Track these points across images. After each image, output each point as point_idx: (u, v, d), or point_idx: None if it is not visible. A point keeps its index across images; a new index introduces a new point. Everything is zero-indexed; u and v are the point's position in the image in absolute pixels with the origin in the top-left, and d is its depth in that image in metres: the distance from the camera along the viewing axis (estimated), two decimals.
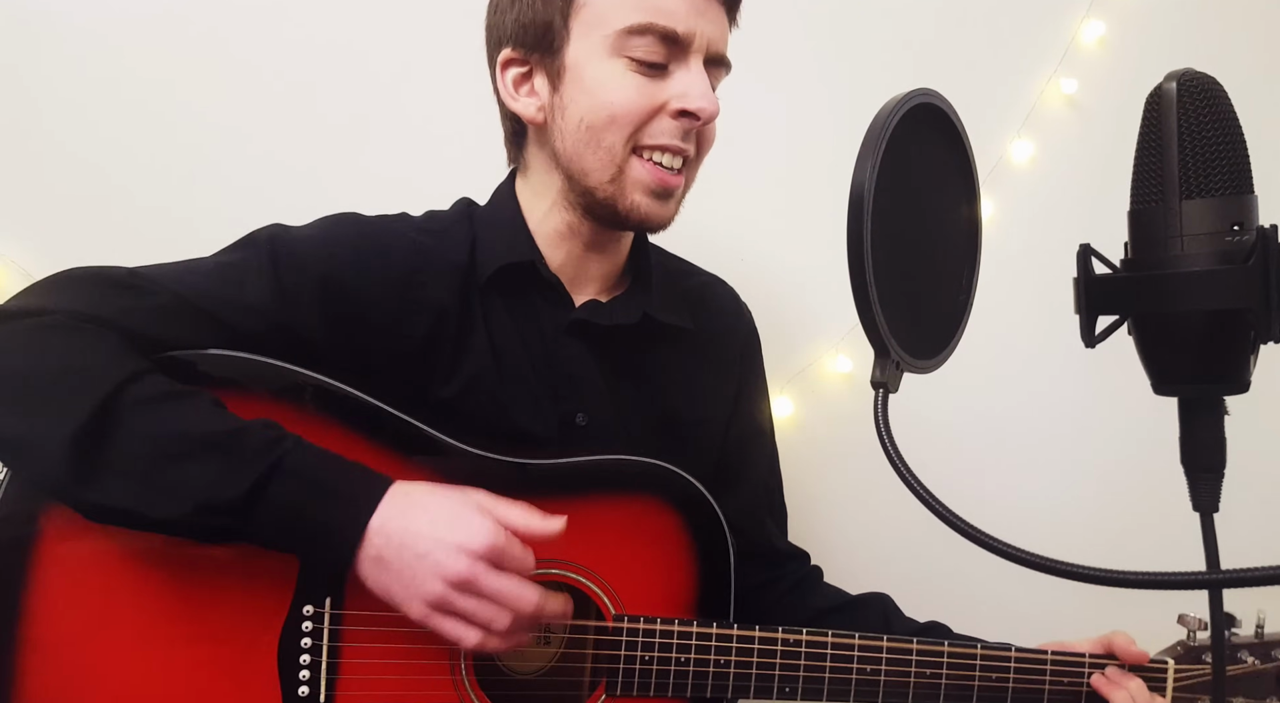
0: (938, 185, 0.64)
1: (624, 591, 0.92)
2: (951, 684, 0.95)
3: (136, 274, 0.85)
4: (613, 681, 0.90)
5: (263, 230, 0.93)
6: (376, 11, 1.35)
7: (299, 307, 0.89)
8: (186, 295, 0.85)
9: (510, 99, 0.96)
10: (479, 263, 0.96)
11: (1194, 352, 0.57)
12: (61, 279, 0.85)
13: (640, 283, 1.03)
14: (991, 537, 0.49)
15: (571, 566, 0.90)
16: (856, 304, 0.55)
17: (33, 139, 1.25)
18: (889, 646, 0.94)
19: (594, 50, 0.90)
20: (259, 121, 1.31)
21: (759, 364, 1.17)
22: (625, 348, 1.00)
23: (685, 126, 0.91)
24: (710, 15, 0.92)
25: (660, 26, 0.88)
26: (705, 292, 1.12)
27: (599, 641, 0.91)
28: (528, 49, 0.93)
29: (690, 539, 0.95)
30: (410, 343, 0.93)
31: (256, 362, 0.86)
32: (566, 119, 0.92)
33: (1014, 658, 0.97)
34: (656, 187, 0.92)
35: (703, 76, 0.91)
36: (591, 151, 0.91)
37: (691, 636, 0.90)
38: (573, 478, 0.92)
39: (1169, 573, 0.48)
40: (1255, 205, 0.55)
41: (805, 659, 0.92)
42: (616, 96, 0.89)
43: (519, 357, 0.96)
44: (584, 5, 0.90)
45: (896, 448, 0.53)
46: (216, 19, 1.30)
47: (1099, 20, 1.57)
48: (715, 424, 1.08)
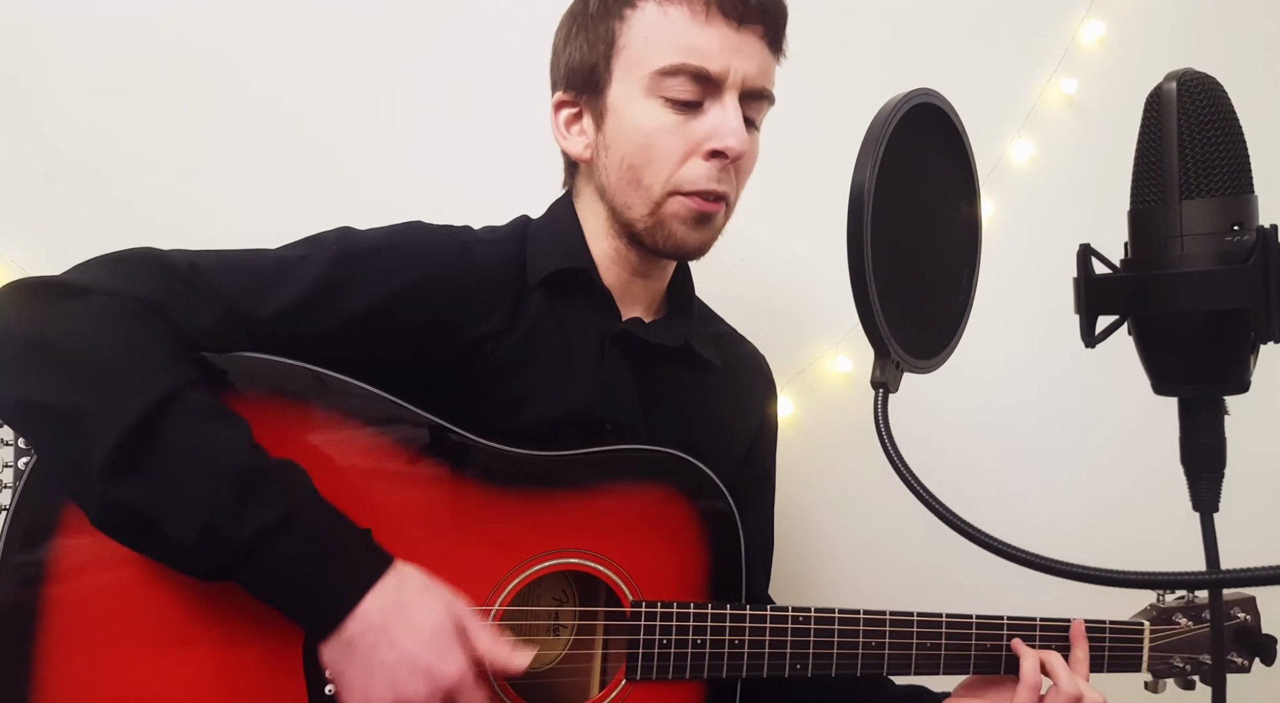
0: (938, 185, 0.64)
1: (640, 577, 0.93)
2: (950, 655, 1.00)
3: (197, 269, 0.85)
4: (632, 665, 0.91)
5: (331, 233, 0.94)
6: (375, 23, 1.35)
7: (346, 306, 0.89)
8: (233, 303, 0.85)
9: (561, 138, 1.01)
10: (531, 267, 0.98)
11: (1194, 352, 0.57)
12: (132, 259, 0.85)
13: (681, 311, 1.07)
14: (991, 537, 0.49)
15: (588, 554, 0.92)
16: (856, 304, 0.55)
17: (32, 140, 1.25)
18: (891, 619, 0.98)
19: (633, 91, 0.93)
20: (255, 125, 1.31)
21: (775, 416, 1.20)
22: (661, 370, 1.03)
23: (719, 165, 0.93)
24: (747, 51, 0.93)
25: (693, 67, 0.90)
26: (730, 340, 1.16)
27: (617, 627, 0.93)
28: (577, 91, 0.98)
29: (702, 525, 0.97)
30: (455, 350, 0.94)
31: (279, 362, 0.86)
32: (610, 157, 0.96)
33: (1006, 624, 1.02)
34: (694, 214, 0.94)
35: (736, 113, 0.92)
36: (633, 189, 0.95)
37: (707, 618, 0.93)
38: (588, 468, 0.94)
39: (1169, 573, 0.48)
40: (1255, 205, 0.55)
41: (814, 636, 0.96)
42: (653, 137, 0.93)
43: (558, 358, 0.97)
44: (624, 48, 0.93)
45: (896, 448, 0.53)
46: (216, 24, 1.30)
47: (1099, 20, 1.57)
48: (731, 462, 1.09)
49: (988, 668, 1.01)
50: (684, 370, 1.05)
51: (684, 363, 1.05)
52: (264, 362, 0.85)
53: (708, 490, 0.98)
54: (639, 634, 0.92)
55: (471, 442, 0.90)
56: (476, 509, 0.89)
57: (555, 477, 0.92)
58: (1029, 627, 1.01)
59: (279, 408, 0.85)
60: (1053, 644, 1.01)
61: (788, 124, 1.47)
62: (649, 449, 0.96)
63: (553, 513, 0.91)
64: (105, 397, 0.75)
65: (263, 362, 0.85)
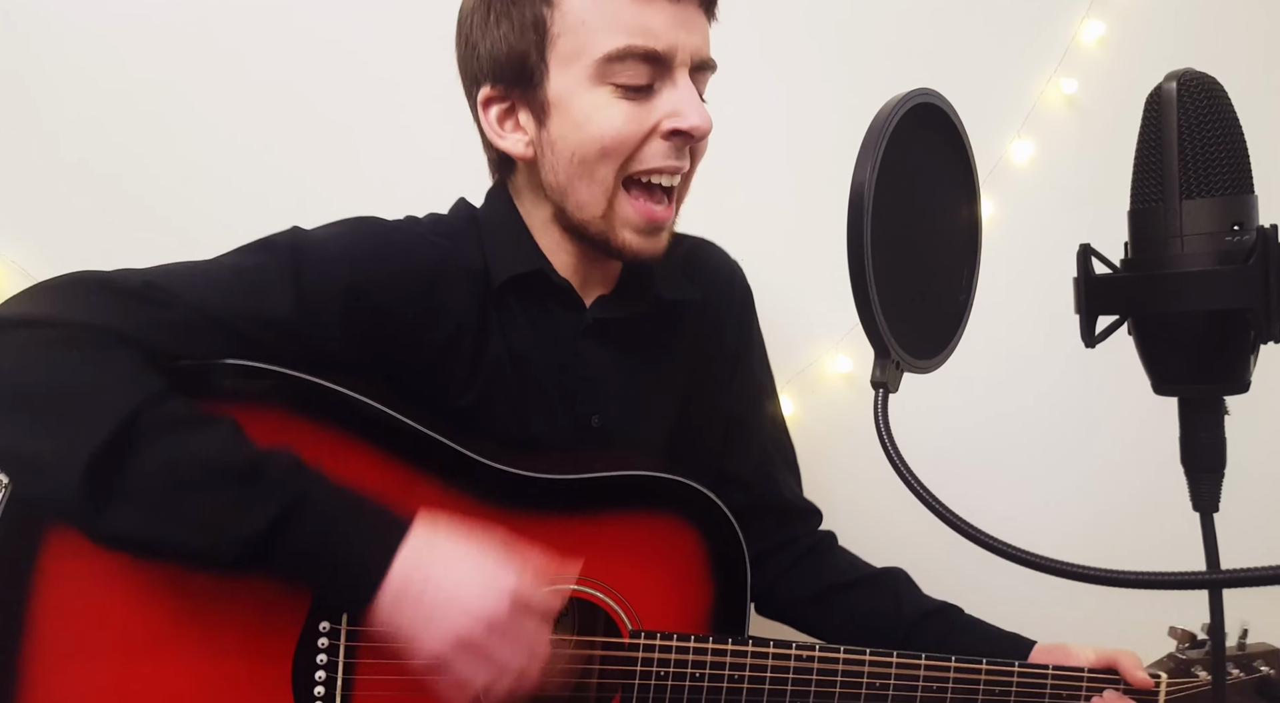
0: (938, 185, 0.64)
1: (640, 606, 0.91)
2: (957, 700, 0.96)
3: (151, 284, 0.81)
4: (628, 697, 0.90)
5: (283, 235, 0.90)
6: (376, 17, 1.35)
7: (320, 316, 0.86)
8: (203, 308, 0.81)
9: (497, 137, 0.94)
10: (491, 269, 0.95)
11: (1194, 352, 0.57)
12: (70, 285, 0.80)
13: (640, 269, 1.02)
14: (991, 537, 0.49)
15: (588, 581, 0.90)
16: (856, 304, 0.55)
17: (33, 140, 1.25)
18: (898, 662, 0.94)
19: (577, 82, 0.88)
20: (257, 124, 1.31)
21: (755, 323, 1.16)
22: (641, 344, 1.00)
23: (679, 145, 0.90)
24: (689, 23, 0.89)
25: (640, 48, 0.86)
26: (697, 253, 1.11)
27: (615, 657, 0.90)
28: (507, 85, 0.91)
29: (706, 553, 0.95)
30: (429, 351, 0.91)
31: (269, 371, 0.84)
32: (557, 154, 0.90)
33: (1016, 674, 0.97)
34: (645, 225, 0.92)
35: (692, 92, 0.89)
36: (585, 184, 0.90)
37: (707, 653, 0.90)
38: (590, 494, 0.92)
39: (1169, 573, 0.48)
40: (1255, 205, 0.55)
41: (817, 676, 0.93)
42: (606, 127, 0.87)
43: (535, 361, 0.96)
44: (559, 35, 0.87)
45: (896, 448, 0.53)
46: (217, 22, 1.30)
47: (1099, 20, 1.56)
48: (721, 382, 1.08)
49: None
50: (661, 319, 1.02)
51: (662, 323, 1.02)
52: (256, 371, 0.83)
53: (716, 522, 0.95)
54: (636, 665, 0.90)
55: (475, 460, 0.88)
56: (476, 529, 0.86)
57: (560, 499, 0.90)
58: (1039, 677, 0.97)
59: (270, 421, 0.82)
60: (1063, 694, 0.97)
61: (788, 124, 1.47)
62: (652, 475, 0.94)
63: (555, 536, 0.89)
64: (60, 435, 0.72)
65: (255, 371, 0.83)
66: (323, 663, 0.83)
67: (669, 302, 1.01)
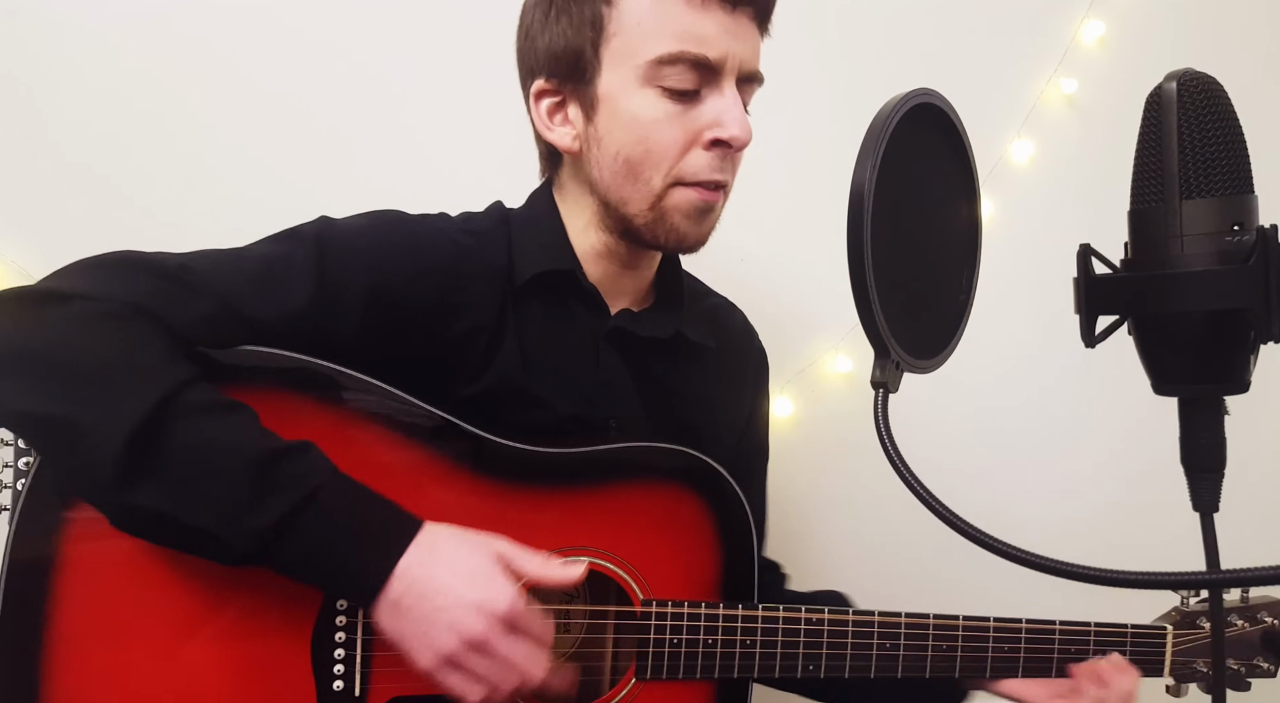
0: (938, 185, 0.64)
1: (650, 575, 0.93)
2: (966, 657, 0.98)
3: (187, 269, 0.83)
4: (642, 664, 0.91)
5: (309, 226, 0.91)
6: (376, 19, 1.35)
7: (339, 307, 0.87)
8: (229, 299, 0.83)
9: (545, 130, 0.95)
10: (516, 267, 0.96)
11: (1194, 352, 0.57)
12: (114, 262, 0.83)
13: (669, 299, 1.05)
14: (991, 537, 0.49)
15: (599, 552, 0.91)
16: (856, 304, 0.55)
17: (33, 140, 1.25)
18: (907, 622, 0.96)
19: (627, 81, 0.89)
20: (257, 125, 1.31)
21: (767, 387, 1.19)
22: (655, 361, 1.01)
23: (721, 155, 0.91)
24: (741, 34, 0.90)
25: (692, 54, 0.87)
26: (720, 313, 1.14)
27: (627, 625, 0.92)
28: (561, 79, 0.93)
29: (714, 522, 0.96)
30: (440, 344, 0.92)
31: (284, 357, 0.85)
32: (603, 150, 0.92)
33: (1025, 630, 0.99)
34: (697, 207, 0.92)
35: (736, 102, 0.90)
36: (630, 183, 0.91)
37: (718, 618, 0.92)
38: (599, 466, 0.93)
39: (1169, 573, 0.48)
40: (1255, 205, 0.55)
41: (828, 638, 0.95)
42: (651, 130, 0.89)
43: (552, 362, 0.96)
44: (614, 34, 0.89)
45: (896, 448, 0.53)
46: (217, 22, 1.30)
47: (1099, 20, 1.57)
48: (728, 442, 1.09)
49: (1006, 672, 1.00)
50: (678, 356, 1.03)
51: (678, 349, 1.03)
52: (271, 356, 0.85)
53: (721, 490, 0.96)
54: (649, 634, 0.91)
55: (483, 438, 0.89)
56: (488, 505, 0.88)
57: (567, 474, 0.92)
58: (1047, 633, 0.99)
59: (288, 403, 0.84)
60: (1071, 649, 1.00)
61: (788, 124, 1.47)
62: (663, 447, 0.95)
63: (564, 510, 0.91)
64: (103, 405, 0.74)
65: (270, 356, 0.85)
66: (341, 642, 0.84)
67: (688, 340, 1.03)
